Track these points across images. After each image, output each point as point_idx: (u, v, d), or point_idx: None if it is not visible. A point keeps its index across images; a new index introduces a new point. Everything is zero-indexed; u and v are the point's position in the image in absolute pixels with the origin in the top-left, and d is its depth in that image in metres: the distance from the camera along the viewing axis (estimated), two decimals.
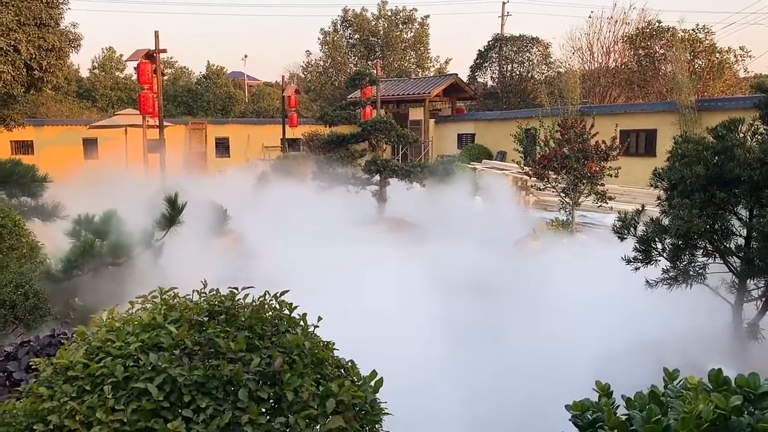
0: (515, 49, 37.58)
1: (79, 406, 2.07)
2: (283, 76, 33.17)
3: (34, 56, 18.28)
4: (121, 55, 41.48)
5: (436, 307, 7.16)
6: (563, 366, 5.79)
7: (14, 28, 17.67)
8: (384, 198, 15.36)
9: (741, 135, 6.38)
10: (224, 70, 44.37)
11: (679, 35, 28.53)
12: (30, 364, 3.31)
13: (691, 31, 29.19)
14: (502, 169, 20.83)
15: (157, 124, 18.04)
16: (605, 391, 2.51)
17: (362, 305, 6.62)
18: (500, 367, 5.86)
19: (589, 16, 32.34)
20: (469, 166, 21.15)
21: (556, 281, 8.11)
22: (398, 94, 31.16)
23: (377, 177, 15.42)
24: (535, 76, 36.59)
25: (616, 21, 31.80)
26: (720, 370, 1.96)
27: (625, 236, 6.92)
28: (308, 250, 9.41)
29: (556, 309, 7.16)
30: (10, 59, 17.81)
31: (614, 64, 31.92)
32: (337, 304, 5.45)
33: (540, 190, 15.39)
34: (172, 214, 7.13)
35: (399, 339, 5.92)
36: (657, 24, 30.55)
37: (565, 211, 14.03)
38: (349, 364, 2.55)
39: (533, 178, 14.87)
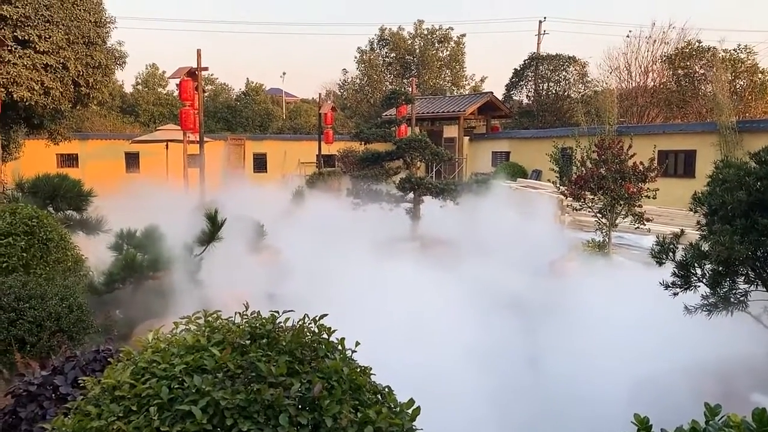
0: (551, 67, 37.44)
1: (126, 426, 2.14)
2: (320, 93, 33.61)
3: (81, 73, 18.90)
4: (164, 72, 42.59)
5: (468, 327, 7.14)
6: (598, 393, 5.71)
7: (64, 46, 18.31)
8: (417, 215, 15.38)
9: None
10: (263, 86, 45.16)
11: (720, 55, 28.08)
12: (76, 379, 3.42)
13: (732, 51, 28.73)
14: (537, 188, 20.70)
15: (198, 139, 18.43)
16: (644, 425, 2.48)
17: (394, 325, 6.63)
18: (534, 394, 5.80)
19: (627, 36, 32.09)
20: (504, 184, 21.06)
21: (590, 303, 8.00)
22: (433, 112, 31.26)
23: (411, 194, 15.46)
24: (572, 95, 36.35)
25: (655, 40, 31.50)
26: (764, 410, 1.93)
27: (664, 261, 6.81)
28: (342, 267, 9.47)
29: (589, 333, 7.05)
30: (59, 76, 18.44)
31: (652, 83, 31.55)
32: (372, 324, 5.48)
33: (576, 210, 15.23)
34: (212, 230, 7.29)
35: (427, 358, 5.92)
36: (697, 44, 30.15)
37: (602, 232, 13.86)
38: (386, 390, 2.58)
39: (569, 198, 14.73)
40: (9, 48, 17.50)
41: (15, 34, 17.73)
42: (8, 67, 17.49)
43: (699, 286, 6.52)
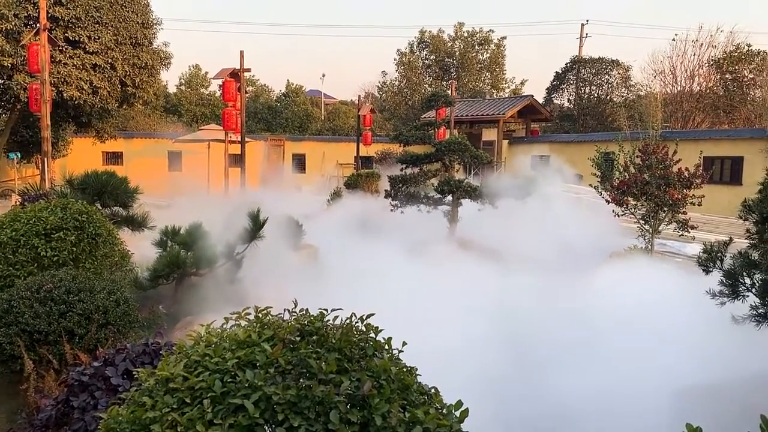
0: (594, 71, 36.90)
1: (180, 417, 2.18)
2: (359, 96, 33.76)
3: (128, 73, 19.39)
4: (207, 73, 43.34)
5: (503, 329, 7.09)
6: (642, 402, 5.61)
7: (112, 46, 18.80)
8: (455, 218, 15.32)
9: None
10: (302, 88, 45.57)
11: None
12: (126, 370, 3.51)
13: None
14: (578, 193, 20.40)
15: (239, 139, 18.69)
16: None
17: (427, 327, 6.61)
18: (573, 401, 5.71)
19: (673, 39, 31.30)
20: (544, 188, 20.79)
21: (632, 311, 7.83)
22: (472, 115, 31.10)
23: (449, 197, 15.41)
24: (614, 99, 35.75)
25: (702, 44, 30.75)
26: None
27: (711, 269, 6.64)
28: (379, 269, 9.48)
29: (630, 340, 6.92)
30: (107, 76, 18.95)
31: (698, 88, 30.82)
32: (412, 330, 5.48)
33: (618, 216, 14.98)
34: (254, 228, 7.39)
35: (463, 361, 5.89)
36: (746, 47, 29.33)
37: (644, 239, 13.59)
38: (433, 390, 2.58)
39: (611, 203, 14.49)
40: (60, 48, 18.04)
41: (66, 35, 18.27)
42: (59, 67, 18.03)
43: (747, 296, 6.35)
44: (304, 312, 2.73)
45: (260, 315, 2.67)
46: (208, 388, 2.25)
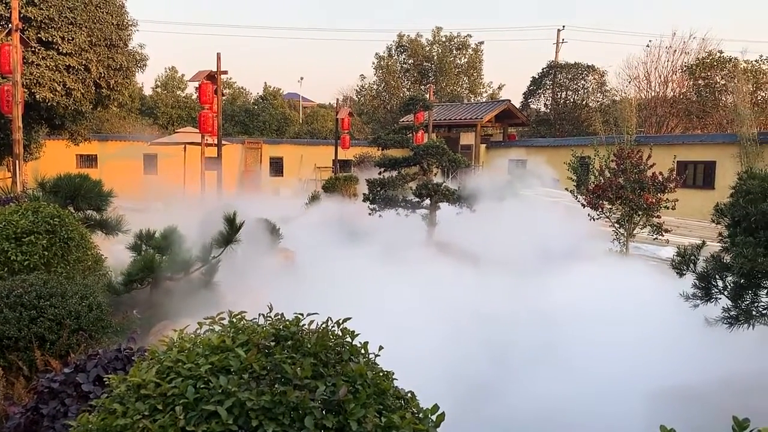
0: (570, 76, 37.34)
1: (152, 424, 2.14)
2: (337, 99, 33.77)
3: (102, 75, 19.10)
4: (183, 75, 42.98)
5: (476, 332, 7.11)
6: (614, 405, 5.65)
7: (86, 48, 18.52)
8: (434, 222, 15.35)
9: None
10: (280, 91, 45.42)
11: (742, 66, 27.84)
12: (98, 377, 3.44)
13: (754, 62, 28.47)
14: (555, 197, 20.58)
15: (216, 142, 18.55)
16: None
17: (401, 330, 6.59)
18: (543, 405, 5.72)
19: (647, 45, 31.90)
20: (520, 192, 20.95)
21: (606, 314, 7.88)
22: (450, 119, 31.25)
23: (427, 201, 15.43)
24: (590, 104, 36.20)
25: (675, 50, 31.30)
26: None
27: (684, 272, 6.73)
28: (356, 273, 9.45)
29: (604, 343, 6.96)
30: (80, 77, 18.65)
31: (672, 93, 31.35)
32: (388, 334, 5.46)
33: (594, 219, 15.14)
34: (230, 232, 7.32)
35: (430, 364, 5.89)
36: (718, 54, 29.90)
37: (619, 242, 13.76)
38: (409, 395, 2.57)
39: (587, 207, 14.65)
40: (33, 49, 17.74)
41: (39, 35, 17.96)
42: (31, 68, 17.71)
43: (720, 299, 6.44)
44: (279, 317, 2.70)
45: (234, 320, 2.63)
46: (181, 395, 2.21)
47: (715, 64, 29.55)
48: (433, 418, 2.40)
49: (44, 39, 18.03)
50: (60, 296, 5.58)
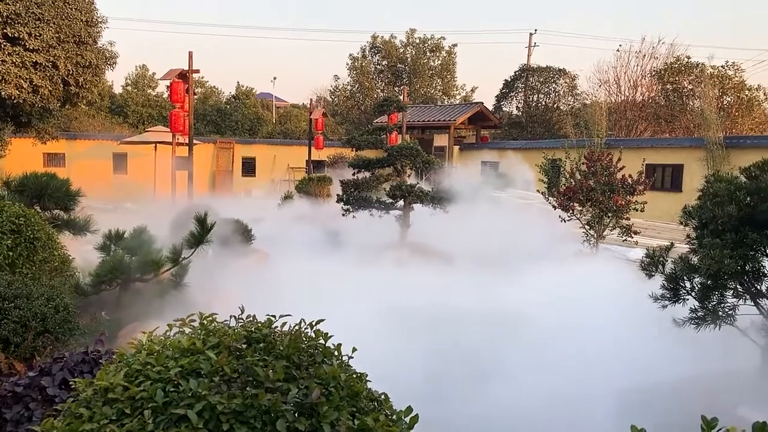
0: (542, 79, 37.74)
1: (119, 429, 2.09)
2: (311, 99, 33.63)
3: (71, 72, 18.72)
4: (154, 74, 42.36)
5: (445, 333, 7.13)
6: (584, 404, 5.70)
7: (54, 44, 18.14)
8: (407, 223, 15.37)
9: None
10: (253, 90, 45.04)
11: (708, 71, 28.44)
12: (64, 380, 3.36)
13: (720, 68, 29.11)
14: (527, 198, 20.77)
15: (187, 141, 18.32)
16: None
17: (372, 332, 6.58)
18: (513, 403, 5.75)
19: (617, 50, 32.33)
20: (493, 194, 21.11)
21: (575, 314, 7.96)
22: (423, 121, 31.34)
23: (401, 202, 15.45)
24: (561, 107, 36.62)
25: (645, 55, 31.82)
26: (765, 423, 1.92)
27: (653, 273, 6.83)
28: (329, 274, 9.42)
29: (574, 342, 7.03)
30: (48, 74, 18.26)
31: (641, 97, 31.88)
32: (359, 335, 5.44)
33: (565, 221, 15.32)
34: (201, 233, 7.22)
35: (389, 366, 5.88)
36: (686, 59, 30.50)
37: (589, 244, 13.93)
38: (383, 397, 2.55)
39: (558, 209, 14.82)
40: None
41: (4, 31, 17.54)
42: None
43: (687, 299, 6.55)
44: (251, 318, 2.66)
45: (205, 322, 2.59)
46: (150, 398, 2.17)
47: (683, 69, 30.13)
48: (407, 420, 2.39)
49: (10, 35, 17.61)
50: (25, 298, 5.44)
